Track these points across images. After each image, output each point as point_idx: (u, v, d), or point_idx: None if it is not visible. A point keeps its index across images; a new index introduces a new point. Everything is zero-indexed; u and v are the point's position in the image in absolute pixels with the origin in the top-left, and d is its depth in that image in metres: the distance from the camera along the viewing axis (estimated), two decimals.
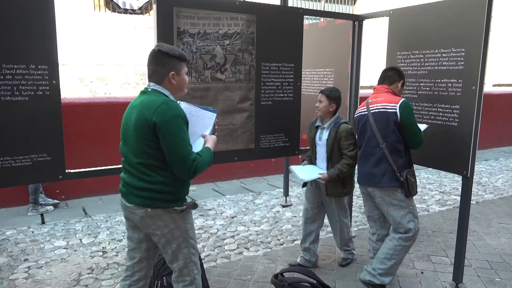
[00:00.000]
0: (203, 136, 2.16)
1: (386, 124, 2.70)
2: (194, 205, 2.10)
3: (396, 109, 2.67)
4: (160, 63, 2.00)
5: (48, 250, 3.65)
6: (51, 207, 4.69)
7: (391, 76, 2.86)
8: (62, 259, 3.49)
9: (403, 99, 2.73)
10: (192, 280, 2.11)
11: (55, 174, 2.57)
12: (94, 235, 4.00)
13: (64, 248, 3.70)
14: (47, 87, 2.44)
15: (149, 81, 2.05)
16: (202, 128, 2.18)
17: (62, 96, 2.60)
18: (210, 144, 2.13)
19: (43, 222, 4.33)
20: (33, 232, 4.07)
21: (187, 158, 1.91)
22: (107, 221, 4.39)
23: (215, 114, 2.23)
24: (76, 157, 4.49)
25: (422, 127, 2.98)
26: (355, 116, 2.96)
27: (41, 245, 3.76)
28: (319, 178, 3.06)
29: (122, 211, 2.13)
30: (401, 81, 2.88)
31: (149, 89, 2.02)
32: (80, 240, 3.90)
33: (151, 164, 1.95)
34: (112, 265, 3.39)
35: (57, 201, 4.82)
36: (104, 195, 5.18)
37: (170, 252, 2.06)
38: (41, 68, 2.41)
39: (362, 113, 2.86)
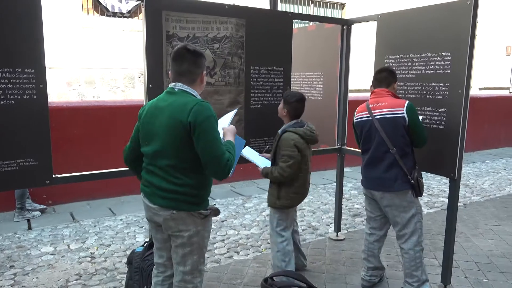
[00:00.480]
0: (222, 129, 2.18)
1: (395, 129, 2.71)
2: (217, 211, 2.11)
3: (403, 113, 2.69)
4: (194, 63, 2.01)
5: (35, 256, 3.60)
6: (38, 213, 4.62)
7: (387, 78, 2.86)
8: (49, 265, 3.44)
9: (407, 101, 2.74)
10: (193, 281, 2.10)
11: (42, 179, 2.54)
12: (82, 241, 3.95)
13: (51, 254, 3.65)
14: (34, 91, 2.41)
15: (176, 81, 2.02)
16: (222, 123, 2.25)
17: (49, 100, 2.57)
18: (230, 137, 2.15)
19: (29, 228, 4.26)
20: (19, 238, 4.00)
21: (222, 157, 1.92)
22: (95, 226, 4.34)
23: (236, 110, 2.41)
24: (64, 161, 4.44)
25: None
26: (355, 121, 2.91)
27: (28, 251, 3.70)
28: (257, 166, 2.97)
29: (145, 211, 2.14)
30: (396, 81, 2.91)
31: (176, 89, 2.00)
32: (68, 245, 3.85)
33: (181, 167, 1.95)
34: (100, 271, 3.35)
35: (44, 206, 4.76)
36: (92, 200, 5.12)
37: (181, 254, 2.06)
38: (27, 72, 2.38)
39: (365, 118, 2.83)
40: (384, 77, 2.87)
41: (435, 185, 6.05)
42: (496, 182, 6.39)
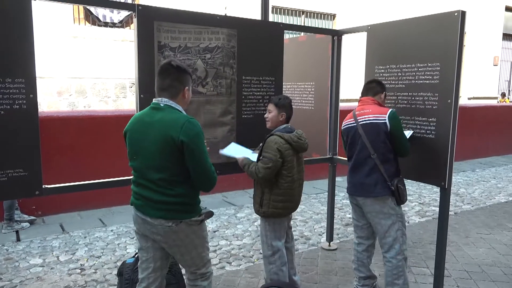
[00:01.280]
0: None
1: (377, 135, 2.75)
2: (210, 213, 2.22)
3: (385, 119, 2.73)
4: (176, 78, 2.07)
5: (23, 269, 3.54)
6: (27, 224, 4.55)
7: (374, 88, 2.93)
8: (38, 277, 3.38)
9: (390, 109, 2.79)
10: (209, 275, 2.29)
11: (32, 190, 2.50)
12: (71, 252, 3.90)
13: (40, 266, 3.59)
14: (24, 101, 2.39)
15: (159, 95, 2.09)
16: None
17: (40, 110, 2.55)
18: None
19: (18, 240, 4.20)
20: (7, 250, 3.94)
21: (211, 171, 2.07)
22: (85, 237, 4.28)
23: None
24: (54, 172, 4.40)
25: (407, 133, 3.06)
26: (343, 128, 2.97)
27: (16, 263, 3.64)
28: (236, 157, 2.89)
29: (134, 223, 2.19)
30: (384, 92, 2.95)
31: (162, 105, 2.05)
32: (57, 257, 3.79)
33: (173, 180, 2.03)
34: (90, 283, 3.30)
35: (33, 217, 4.69)
36: (82, 211, 5.07)
37: (190, 258, 2.19)
38: (18, 82, 2.36)
39: (351, 125, 2.89)
40: (372, 87, 2.94)
41: (426, 194, 6.09)
42: (486, 191, 6.45)
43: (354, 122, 2.86)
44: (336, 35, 3.85)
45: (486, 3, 13.94)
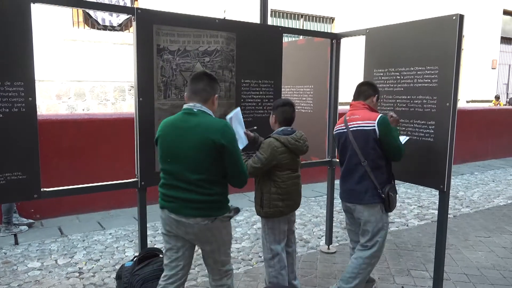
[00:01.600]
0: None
1: (366, 142, 2.73)
2: (237, 209, 2.37)
3: (374, 126, 2.70)
4: (208, 84, 2.25)
5: (22, 272, 3.52)
6: (25, 227, 4.54)
7: (366, 91, 2.89)
8: (36, 281, 3.37)
9: (380, 115, 2.76)
10: (231, 273, 2.40)
11: (30, 193, 2.50)
12: (70, 256, 3.89)
13: (39, 270, 3.58)
14: (23, 104, 2.40)
15: (191, 100, 2.24)
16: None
17: (39, 113, 2.55)
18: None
19: (16, 243, 4.18)
20: (5, 253, 3.92)
21: (245, 171, 2.28)
22: (84, 240, 4.27)
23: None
24: (53, 175, 4.39)
25: (403, 138, 3.04)
26: (334, 132, 2.97)
27: (14, 267, 3.63)
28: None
29: (165, 225, 2.28)
30: (376, 95, 2.91)
31: (195, 110, 2.20)
32: (56, 261, 3.78)
33: (211, 179, 2.18)
34: (88, 286, 3.29)
35: (32, 221, 4.68)
36: (81, 214, 5.05)
37: (219, 255, 2.30)
38: (17, 85, 2.36)
39: (341, 130, 2.88)
40: (363, 90, 2.90)
41: (425, 197, 6.09)
42: (485, 194, 6.45)
43: (344, 127, 2.84)
44: (335, 39, 3.86)
45: (484, 6, 14.01)
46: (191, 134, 2.14)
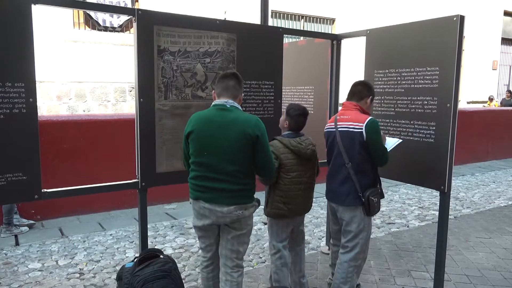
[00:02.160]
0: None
1: (352, 145, 2.71)
2: (259, 200, 2.55)
3: (362, 129, 2.67)
4: (238, 83, 2.45)
5: (22, 273, 3.52)
6: (26, 228, 4.54)
7: (361, 92, 2.84)
8: (36, 282, 3.37)
9: (369, 118, 2.72)
10: (242, 271, 2.57)
11: (31, 194, 2.50)
12: (70, 256, 3.89)
13: (39, 271, 3.58)
14: (24, 105, 2.40)
15: (221, 96, 2.42)
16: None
17: (39, 114, 2.56)
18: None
19: (17, 244, 4.18)
20: (6, 254, 3.92)
21: (273, 162, 2.51)
22: (84, 241, 4.27)
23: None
24: (53, 176, 4.40)
25: (393, 140, 3.03)
26: (324, 130, 2.96)
27: (15, 267, 3.63)
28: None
29: (197, 216, 2.47)
30: (370, 97, 2.85)
31: (228, 106, 2.38)
32: (56, 261, 3.78)
33: (245, 171, 2.38)
34: (89, 287, 3.29)
35: (33, 222, 4.68)
36: (81, 215, 5.06)
37: (238, 243, 2.49)
38: (17, 86, 2.37)
39: (330, 129, 2.87)
40: (357, 91, 2.85)
41: (426, 198, 6.09)
42: (486, 195, 6.45)
43: (334, 127, 2.83)
44: (335, 40, 3.86)
45: (485, 7, 14.01)
46: (228, 128, 2.31)
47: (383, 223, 4.94)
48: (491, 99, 12.99)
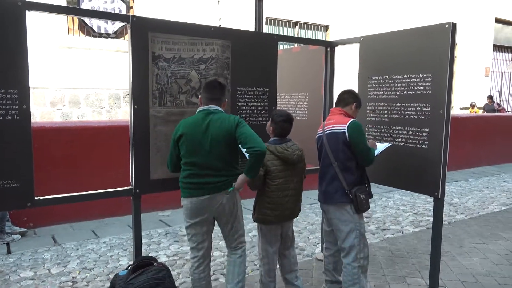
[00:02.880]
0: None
1: (336, 144, 2.84)
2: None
3: (344, 129, 2.80)
4: (221, 92, 2.73)
5: (14, 282, 3.48)
6: (18, 236, 4.49)
7: (346, 99, 2.99)
8: None
9: (352, 119, 2.85)
10: (245, 246, 2.91)
11: (23, 201, 2.48)
12: (63, 265, 3.85)
13: (31, 279, 3.53)
14: (17, 112, 2.38)
15: (207, 104, 2.68)
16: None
17: (33, 120, 2.54)
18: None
19: (9, 252, 4.14)
20: None
21: (257, 137, 2.63)
22: (77, 249, 4.23)
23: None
24: (46, 183, 4.36)
25: (383, 146, 3.09)
26: (316, 137, 3.06)
27: (6, 276, 3.58)
28: None
29: (192, 211, 2.67)
30: (355, 103, 2.98)
31: (212, 109, 2.66)
32: (49, 270, 3.74)
33: (229, 160, 2.67)
34: None
35: (25, 229, 4.63)
36: (75, 222, 5.01)
37: (238, 224, 2.83)
38: (11, 93, 2.35)
39: (320, 134, 3.00)
40: (343, 98, 3.00)
41: (420, 204, 6.10)
42: (479, 201, 6.48)
43: (322, 132, 2.96)
44: (330, 46, 3.88)
45: (476, 15, 14.18)
46: (214, 127, 2.59)
47: (378, 229, 4.95)
48: (472, 106, 13.04)
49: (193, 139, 2.61)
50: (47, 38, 7.62)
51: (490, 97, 13.47)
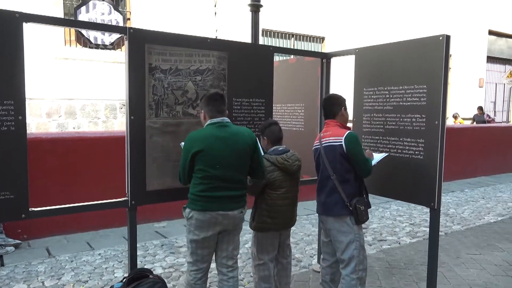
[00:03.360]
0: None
1: (334, 157, 2.84)
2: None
3: (341, 141, 2.80)
4: (224, 102, 2.72)
5: None
6: (11, 248, 4.44)
7: (333, 110, 2.96)
8: None
9: (348, 131, 2.85)
10: (237, 267, 2.86)
11: (18, 213, 2.46)
12: (57, 277, 3.80)
13: None
14: (12, 123, 2.38)
15: (217, 116, 2.65)
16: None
17: (28, 131, 2.54)
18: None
19: (2, 265, 4.08)
20: None
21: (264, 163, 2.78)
22: (72, 261, 4.19)
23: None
24: (41, 194, 4.32)
25: (380, 156, 3.09)
26: (312, 149, 3.06)
27: None
28: None
29: (208, 225, 2.61)
30: (342, 108, 2.97)
31: (225, 122, 2.66)
32: (43, 283, 3.69)
33: (245, 176, 2.72)
34: None
35: (19, 241, 4.58)
36: (69, 234, 4.97)
37: (237, 240, 2.80)
38: (7, 104, 2.35)
39: (316, 146, 3.00)
40: (328, 110, 2.97)
41: (416, 215, 6.10)
42: (476, 211, 6.49)
43: (319, 144, 2.96)
44: (325, 58, 3.91)
45: (470, 27, 14.36)
46: (234, 142, 2.60)
47: (374, 240, 4.93)
48: (455, 117, 13.01)
49: (213, 153, 2.55)
50: (43, 49, 7.64)
51: (480, 108, 13.54)
